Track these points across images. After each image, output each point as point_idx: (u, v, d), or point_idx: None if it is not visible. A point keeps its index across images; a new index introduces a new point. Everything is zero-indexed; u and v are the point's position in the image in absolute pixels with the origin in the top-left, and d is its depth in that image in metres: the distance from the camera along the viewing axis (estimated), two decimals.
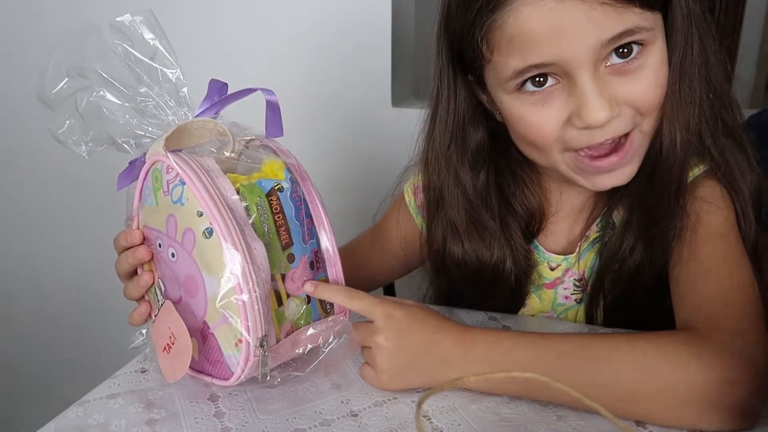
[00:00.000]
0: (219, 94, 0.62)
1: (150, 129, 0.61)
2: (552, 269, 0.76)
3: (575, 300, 0.76)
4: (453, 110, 0.69)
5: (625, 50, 0.57)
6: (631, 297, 0.69)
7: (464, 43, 0.62)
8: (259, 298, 0.51)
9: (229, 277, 0.51)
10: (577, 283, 0.76)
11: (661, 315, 0.63)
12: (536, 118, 0.61)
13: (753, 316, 0.55)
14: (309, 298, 0.59)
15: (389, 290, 1.01)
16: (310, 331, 0.57)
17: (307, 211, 0.60)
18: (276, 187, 0.57)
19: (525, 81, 0.59)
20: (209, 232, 0.52)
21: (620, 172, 0.63)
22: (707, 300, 0.58)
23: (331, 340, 0.57)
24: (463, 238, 0.73)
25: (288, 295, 0.57)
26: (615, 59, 0.57)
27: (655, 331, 0.55)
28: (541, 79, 0.59)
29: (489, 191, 0.72)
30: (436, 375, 0.57)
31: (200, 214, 0.53)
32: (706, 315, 0.56)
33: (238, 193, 0.54)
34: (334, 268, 0.61)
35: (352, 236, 0.89)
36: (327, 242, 0.61)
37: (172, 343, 0.54)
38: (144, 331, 0.62)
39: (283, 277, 0.57)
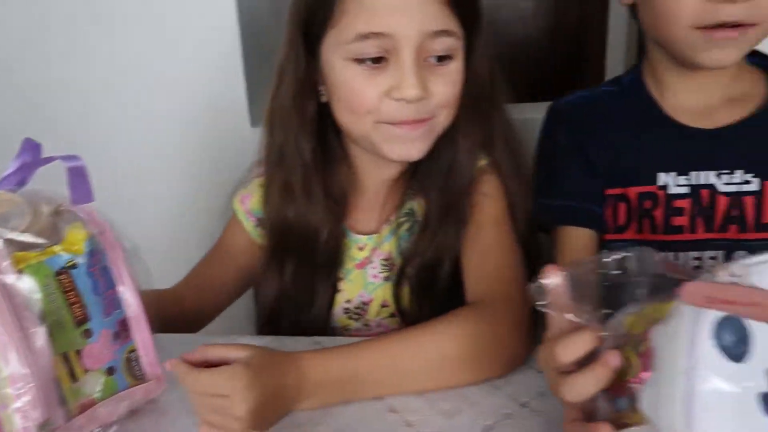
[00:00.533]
0: (31, 157, 0.61)
1: None
2: (360, 249, 0.84)
3: (384, 278, 0.84)
4: (297, 76, 0.76)
5: (442, 56, 0.71)
6: (436, 278, 0.79)
7: (319, 5, 0.71)
8: (37, 385, 0.51)
9: (3, 365, 0.51)
10: (385, 263, 0.84)
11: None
12: (361, 85, 0.71)
13: (520, 288, 0.69)
14: (112, 370, 0.59)
15: None
16: (105, 406, 0.58)
17: (110, 282, 0.60)
18: (68, 264, 0.57)
19: (363, 54, 0.69)
20: None
21: (415, 144, 0.74)
22: (485, 276, 0.73)
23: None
24: (296, 201, 0.80)
25: (85, 371, 0.57)
26: (432, 60, 0.71)
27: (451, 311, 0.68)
28: (374, 54, 0.69)
29: (316, 164, 0.79)
30: (286, 410, 0.60)
31: None
32: (485, 289, 0.71)
33: (21, 274, 0.54)
34: (141, 336, 0.62)
35: None
36: (132, 310, 0.61)
37: None
38: None
39: (79, 352, 0.57)
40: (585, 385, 0.44)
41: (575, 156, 0.81)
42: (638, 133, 0.79)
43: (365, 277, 0.85)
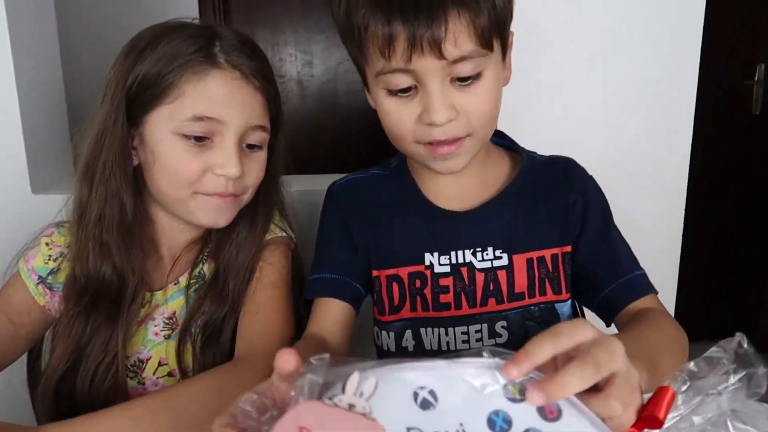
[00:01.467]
0: None
1: None
2: (142, 306, 0.85)
3: (164, 336, 0.86)
4: (120, 137, 0.78)
5: (253, 145, 0.82)
6: (218, 337, 0.83)
7: (158, 80, 0.76)
8: None
9: None
10: (167, 321, 0.86)
11: None
12: (187, 159, 0.78)
13: (282, 344, 0.77)
14: None
15: None
16: None
17: None
18: None
19: (192, 132, 0.77)
20: None
21: (225, 214, 0.83)
22: (254, 332, 0.79)
23: None
24: (114, 258, 0.81)
25: None
26: (244, 146, 0.81)
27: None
28: (201, 133, 0.77)
29: (135, 222, 0.82)
30: None
31: None
32: (249, 344, 0.78)
33: None
34: None
35: None
36: None
37: None
38: None
39: None
40: None
41: (342, 234, 0.84)
42: (404, 215, 0.83)
43: (145, 335, 0.86)
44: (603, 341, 0.43)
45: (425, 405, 0.40)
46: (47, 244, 0.87)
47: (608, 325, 0.81)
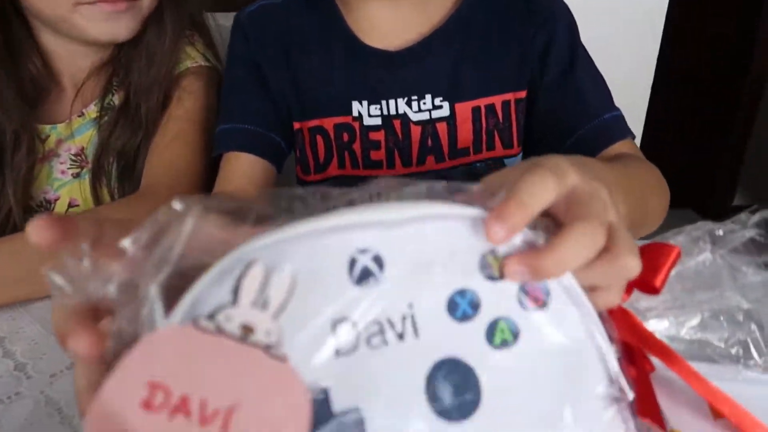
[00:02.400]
0: None
1: None
2: (42, 140, 0.77)
3: (72, 175, 0.79)
4: None
5: None
6: (135, 167, 0.77)
7: None
8: None
9: None
10: (75, 158, 0.79)
11: None
12: None
13: (190, 180, 0.72)
14: None
15: None
16: None
17: None
18: None
19: None
20: None
21: (122, 23, 0.71)
22: (161, 165, 0.73)
23: None
24: None
25: None
26: None
27: None
28: None
29: (3, 59, 0.73)
30: None
31: None
32: (156, 178, 0.71)
33: None
34: None
35: None
36: None
37: None
38: None
39: None
40: None
41: (253, 77, 0.71)
42: (327, 54, 0.69)
43: (50, 173, 0.79)
44: (591, 188, 0.30)
45: (363, 277, 0.25)
46: None
47: None
